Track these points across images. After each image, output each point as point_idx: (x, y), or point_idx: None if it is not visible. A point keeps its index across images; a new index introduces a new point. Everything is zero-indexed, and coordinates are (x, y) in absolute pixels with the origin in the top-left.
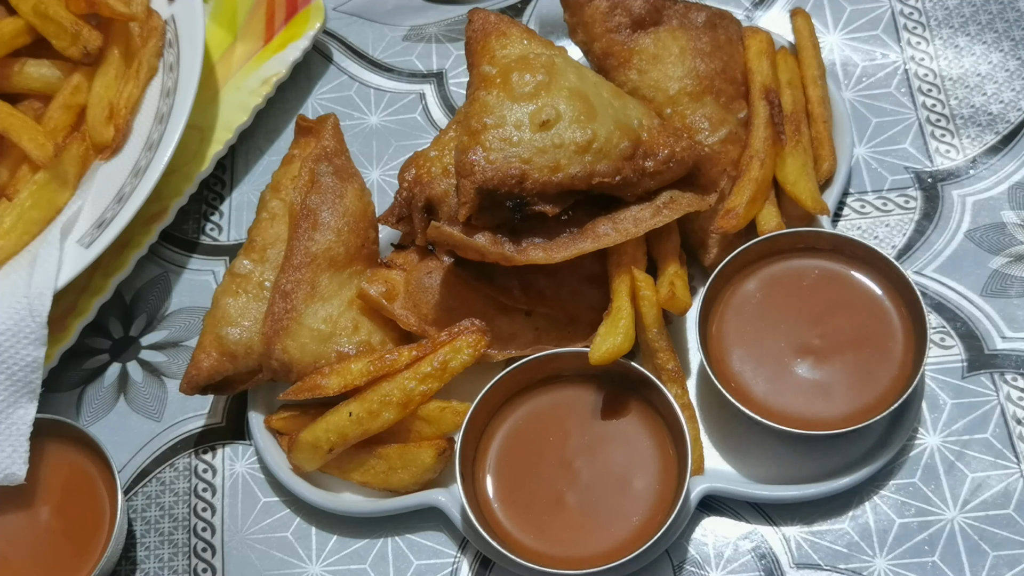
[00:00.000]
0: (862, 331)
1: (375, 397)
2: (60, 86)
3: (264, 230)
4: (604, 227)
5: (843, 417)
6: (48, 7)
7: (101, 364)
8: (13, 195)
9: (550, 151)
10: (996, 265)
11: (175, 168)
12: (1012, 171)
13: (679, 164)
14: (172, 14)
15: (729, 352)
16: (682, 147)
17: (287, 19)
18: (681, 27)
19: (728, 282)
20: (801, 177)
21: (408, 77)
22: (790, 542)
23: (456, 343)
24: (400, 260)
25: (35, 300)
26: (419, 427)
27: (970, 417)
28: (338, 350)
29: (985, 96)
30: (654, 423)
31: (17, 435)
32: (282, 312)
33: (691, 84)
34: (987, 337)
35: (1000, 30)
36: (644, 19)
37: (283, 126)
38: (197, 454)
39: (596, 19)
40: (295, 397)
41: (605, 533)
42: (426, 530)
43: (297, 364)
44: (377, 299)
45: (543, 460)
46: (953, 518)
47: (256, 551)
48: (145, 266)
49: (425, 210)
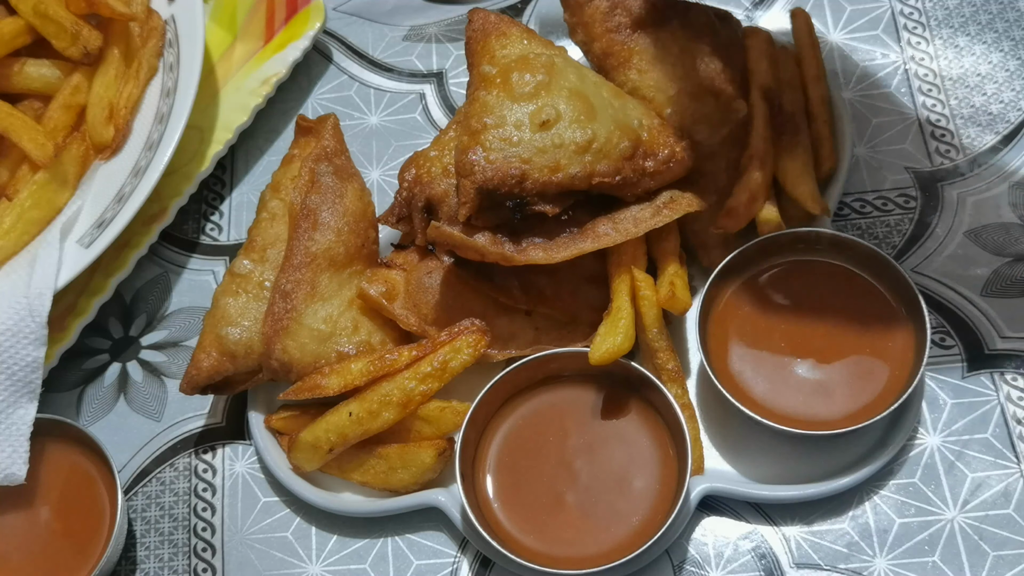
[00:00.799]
0: (862, 331)
1: (375, 397)
2: (60, 86)
3: (264, 230)
4: (604, 227)
5: (843, 417)
6: (48, 7)
7: (101, 364)
8: (13, 195)
9: (550, 151)
10: (996, 265)
11: (175, 168)
12: (1012, 171)
13: (679, 164)
14: (172, 14)
15: (729, 352)
16: (682, 147)
17: (287, 19)
18: (681, 27)
19: (728, 282)
20: (801, 177)
21: (408, 77)
22: (790, 542)
23: (456, 343)
24: (400, 260)
25: (35, 300)
26: (419, 427)
27: (970, 417)
28: (338, 350)
29: (985, 96)
30: (654, 423)
31: (17, 435)
32: (282, 312)
33: (691, 84)
34: (987, 337)
35: (1000, 30)
36: (644, 19)
37: (283, 126)
38: (197, 454)
39: (596, 19)
40: (295, 397)
41: (605, 533)
42: (426, 530)
43: (297, 364)
44: (377, 299)
45: (543, 460)
46: (953, 518)
47: (256, 551)
48: (145, 266)
49: (425, 210)
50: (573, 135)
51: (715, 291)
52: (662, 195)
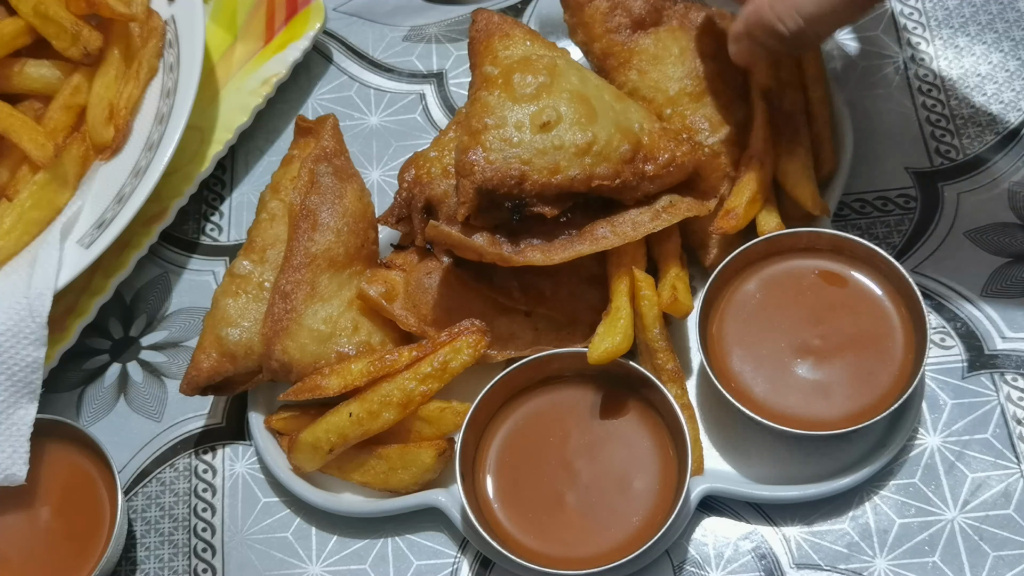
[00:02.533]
0: (862, 331)
1: (375, 397)
2: (60, 86)
3: (264, 231)
4: (602, 230)
5: (843, 417)
6: (48, 8)
7: (101, 364)
8: (13, 195)
9: (550, 153)
10: (996, 265)
11: (175, 168)
12: (1012, 171)
13: (679, 168)
14: (172, 14)
15: (729, 352)
16: (683, 152)
17: (287, 19)
18: (681, 28)
19: (728, 282)
20: (801, 178)
21: (408, 77)
22: (790, 542)
23: (456, 343)
24: (400, 260)
25: (35, 300)
26: (419, 427)
27: (970, 417)
28: (338, 350)
29: (985, 96)
30: (654, 423)
31: (18, 436)
32: (282, 313)
33: (691, 85)
34: (987, 337)
35: (1000, 30)
36: (644, 19)
37: (283, 126)
38: (197, 454)
39: (596, 19)
40: (295, 398)
41: (605, 533)
42: (426, 530)
43: (297, 365)
44: (376, 299)
45: (543, 460)
46: (953, 518)
47: (256, 551)
48: (145, 266)
49: (425, 211)
50: (573, 137)
51: (715, 291)
52: (661, 199)
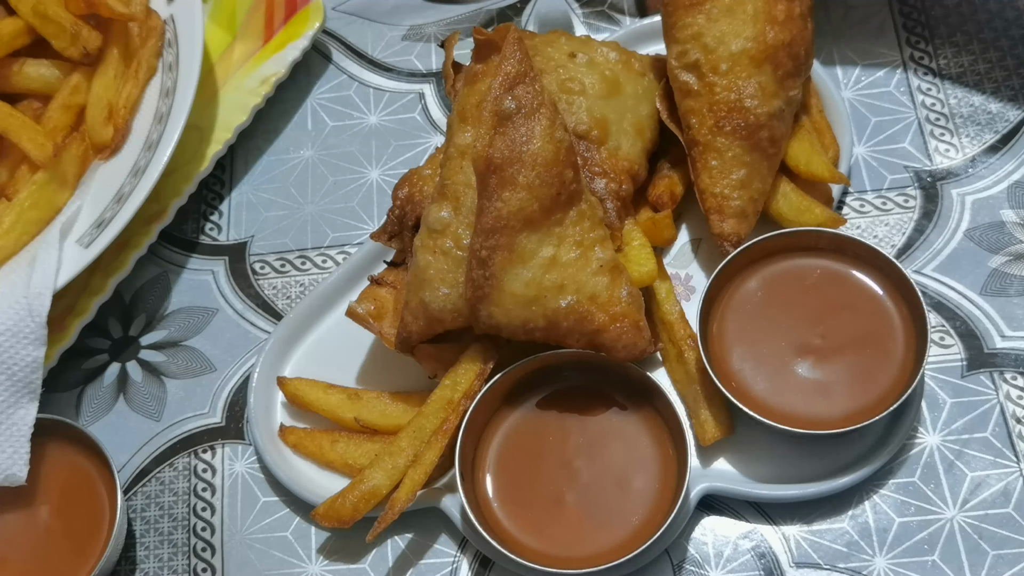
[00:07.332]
0: (862, 331)
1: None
2: (59, 86)
3: (454, 172)
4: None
5: (843, 416)
6: (48, 7)
7: (101, 364)
8: (12, 195)
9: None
10: (995, 264)
11: (174, 168)
12: (1011, 170)
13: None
14: (171, 14)
15: (729, 351)
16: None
17: (286, 19)
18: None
19: (729, 281)
20: (812, 155)
21: (407, 77)
22: (790, 541)
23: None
24: (391, 278)
25: (35, 300)
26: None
27: (970, 416)
28: (546, 312)
29: (984, 95)
30: (654, 423)
31: (18, 436)
32: (481, 279)
33: (755, 48)
34: (986, 336)
35: (999, 28)
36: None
37: (282, 126)
38: (196, 454)
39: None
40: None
41: (605, 533)
42: (426, 530)
43: (505, 328)
44: (364, 317)
45: (543, 460)
46: (953, 517)
47: (256, 551)
48: (144, 266)
49: (416, 228)
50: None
51: (716, 290)
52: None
